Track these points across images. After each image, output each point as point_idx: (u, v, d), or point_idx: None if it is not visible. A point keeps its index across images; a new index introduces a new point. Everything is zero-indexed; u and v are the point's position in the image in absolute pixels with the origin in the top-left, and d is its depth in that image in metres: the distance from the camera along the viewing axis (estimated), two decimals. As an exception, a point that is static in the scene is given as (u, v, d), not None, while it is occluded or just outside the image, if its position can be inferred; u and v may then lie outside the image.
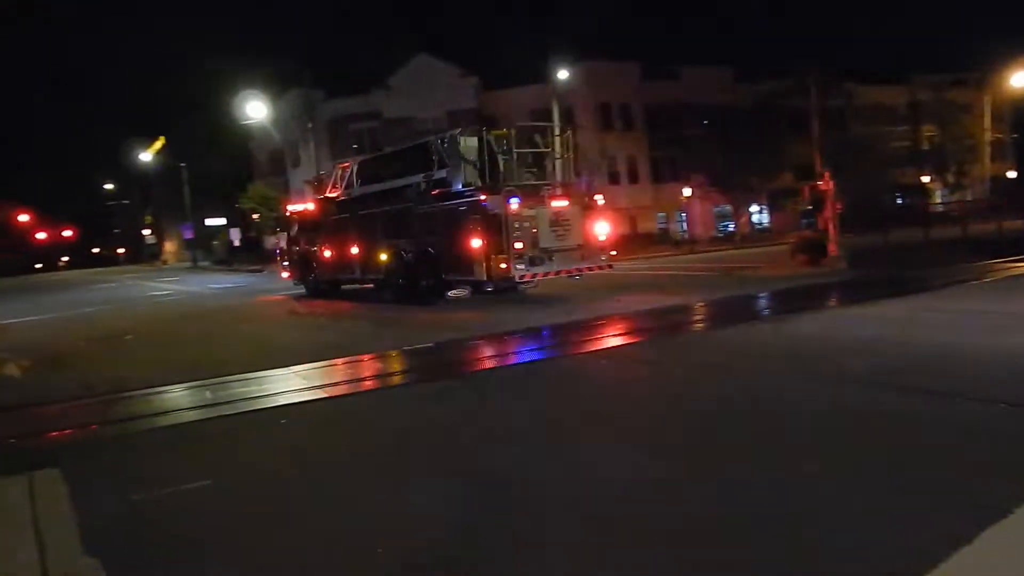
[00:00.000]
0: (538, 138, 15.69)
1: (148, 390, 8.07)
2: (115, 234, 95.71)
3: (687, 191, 39.46)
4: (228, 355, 10.29)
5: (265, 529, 3.93)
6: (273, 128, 47.83)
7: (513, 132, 15.21)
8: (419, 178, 15.78)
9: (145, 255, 75.18)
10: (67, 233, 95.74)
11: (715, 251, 34.66)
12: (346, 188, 19.04)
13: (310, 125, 39.86)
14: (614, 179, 42.00)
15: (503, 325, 11.51)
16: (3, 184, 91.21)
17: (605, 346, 9.33)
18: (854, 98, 39.90)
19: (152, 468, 5.16)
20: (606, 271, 15.39)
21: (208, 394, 7.71)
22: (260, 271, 40.17)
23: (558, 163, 15.75)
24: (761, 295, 14.16)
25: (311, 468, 4.96)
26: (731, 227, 44.20)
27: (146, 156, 68.20)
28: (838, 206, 19.52)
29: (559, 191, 15.06)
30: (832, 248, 19.25)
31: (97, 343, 12.86)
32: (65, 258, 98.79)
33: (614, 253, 15.66)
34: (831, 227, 19.37)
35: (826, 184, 19.67)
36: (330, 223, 19.29)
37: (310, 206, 20.79)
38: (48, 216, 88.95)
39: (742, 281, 17.09)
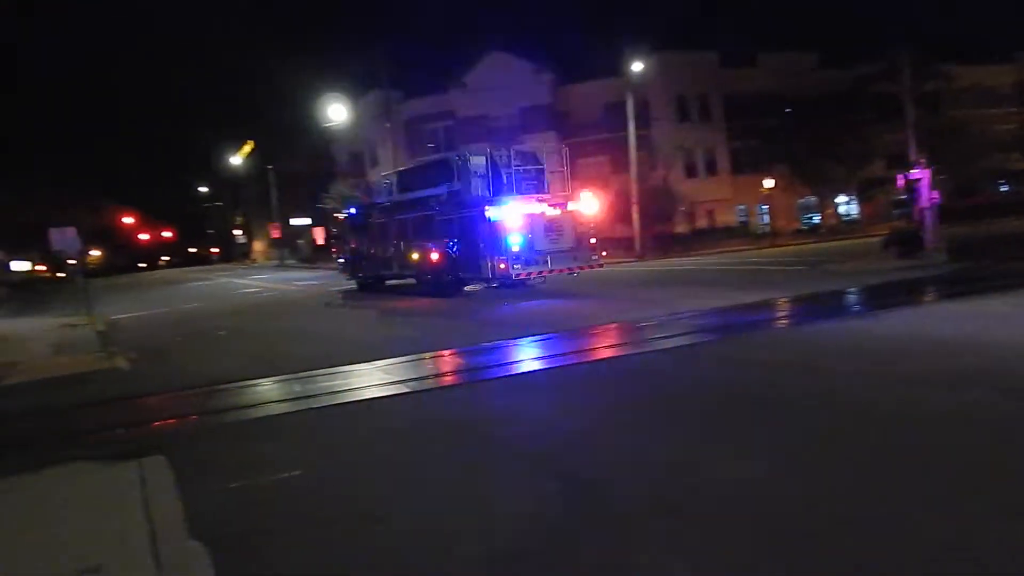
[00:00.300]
0: (538, 154, 18.48)
1: (242, 383, 8.46)
2: (209, 234, 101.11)
3: (768, 182, 38.09)
4: (311, 350, 10.69)
5: (353, 518, 4.04)
6: (354, 129, 49.30)
7: (513, 151, 17.94)
8: (443, 189, 18.27)
9: (236, 254, 79.18)
10: (166, 234, 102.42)
11: (798, 244, 33.37)
12: (387, 195, 21.62)
13: (388, 125, 40.78)
14: (691, 172, 40.97)
15: (563, 322, 11.47)
16: (110, 188, 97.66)
17: (678, 344, 9.11)
18: (952, 80, 37.41)
19: (248, 457, 5.41)
20: (598, 269, 18.06)
21: (297, 387, 8.01)
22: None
23: (555, 176, 18.29)
24: (851, 290, 13.51)
25: (400, 459, 5.07)
26: (816, 219, 42.39)
27: (236, 159, 71.72)
28: (935, 195, 18.38)
29: (554, 201, 17.31)
30: (929, 240, 18.15)
31: (194, 338, 13.64)
32: (165, 257, 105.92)
33: (604, 254, 18.55)
34: (927, 218, 18.26)
35: (921, 172, 18.55)
36: (374, 226, 21.73)
37: (353, 211, 23.56)
38: (150, 218, 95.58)
39: (830, 275, 16.36)
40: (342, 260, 24.36)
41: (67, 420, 7.23)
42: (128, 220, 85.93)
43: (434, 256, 18.17)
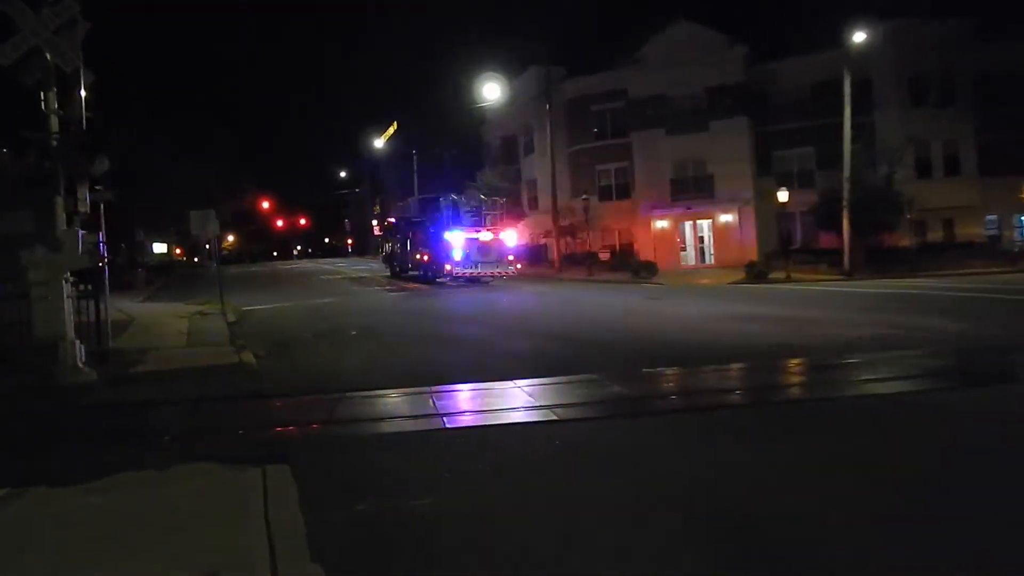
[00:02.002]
0: (482, 201, 35.60)
1: (372, 392, 8.90)
2: (345, 223, 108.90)
3: (1032, 188, 34.34)
4: (450, 356, 11.11)
5: (498, 570, 4.04)
6: (507, 111, 50.55)
7: (464, 198, 35.79)
8: (429, 217, 34.73)
9: (372, 246, 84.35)
10: (302, 222, 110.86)
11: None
12: (407, 214, 39.39)
13: (548, 107, 41.41)
14: (924, 171, 37.69)
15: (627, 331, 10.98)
16: (247, 171, 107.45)
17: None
18: None
19: (376, 476, 5.63)
20: (512, 275, 32.70)
21: (432, 402, 8.28)
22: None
23: (494, 216, 34.41)
24: None
25: (550, 501, 5.05)
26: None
27: (379, 142, 76.34)
28: None
29: (487, 231, 32.72)
30: None
31: (324, 336, 14.76)
32: (298, 247, 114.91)
33: (519, 266, 34.02)
34: None
35: None
36: (401, 234, 39.08)
37: (393, 220, 43.19)
38: (286, 204, 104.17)
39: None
40: (383, 255, 44.57)
41: (193, 416, 7.94)
42: (265, 205, 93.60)
43: (425, 258, 34.20)
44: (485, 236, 32.55)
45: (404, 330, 15.59)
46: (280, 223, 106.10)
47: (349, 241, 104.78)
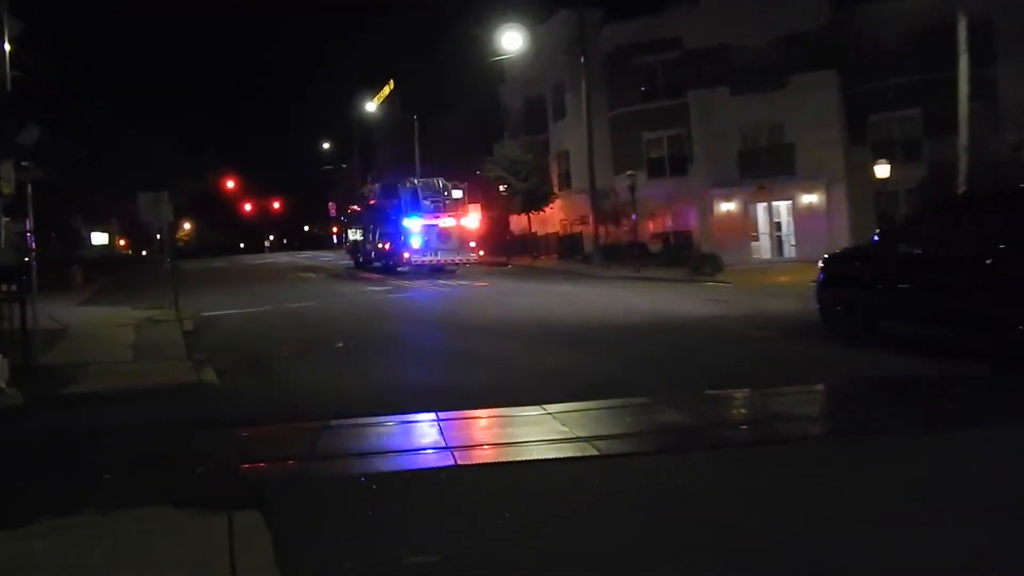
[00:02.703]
0: (447, 187, 40.10)
1: (364, 419, 8.87)
2: (329, 207, 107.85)
3: None
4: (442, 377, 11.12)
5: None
6: (532, 67, 50.14)
7: (425, 183, 40.87)
8: (390, 203, 40.73)
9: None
10: (276, 206, 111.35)
11: None
12: (370, 200, 46.38)
13: (582, 60, 41.12)
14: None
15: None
16: (210, 145, 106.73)
17: None
18: None
19: (367, 526, 5.58)
20: (474, 263, 39.51)
21: (438, 432, 8.24)
22: (506, 264, 43.39)
23: (458, 201, 39.67)
24: None
25: (584, 561, 4.98)
26: None
27: (371, 106, 75.96)
28: None
29: (447, 216, 38.51)
30: None
31: (304, 350, 14.90)
32: (271, 237, 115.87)
33: (482, 253, 40.91)
34: None
35: None
36: (364, 222, 46.37)
37: (357, 209, 50.74)
38: (256, 184, 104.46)
39: None
40: (347, 244, 55.06)
41: (142, 448, 7.95)
42: (230, 185, 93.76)
43: (385, 247, 40.61)
44: (445, 222, 38.50)
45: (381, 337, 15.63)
46: (248, 207, 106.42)
47: (334, 229, 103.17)
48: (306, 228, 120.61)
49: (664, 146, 43.64)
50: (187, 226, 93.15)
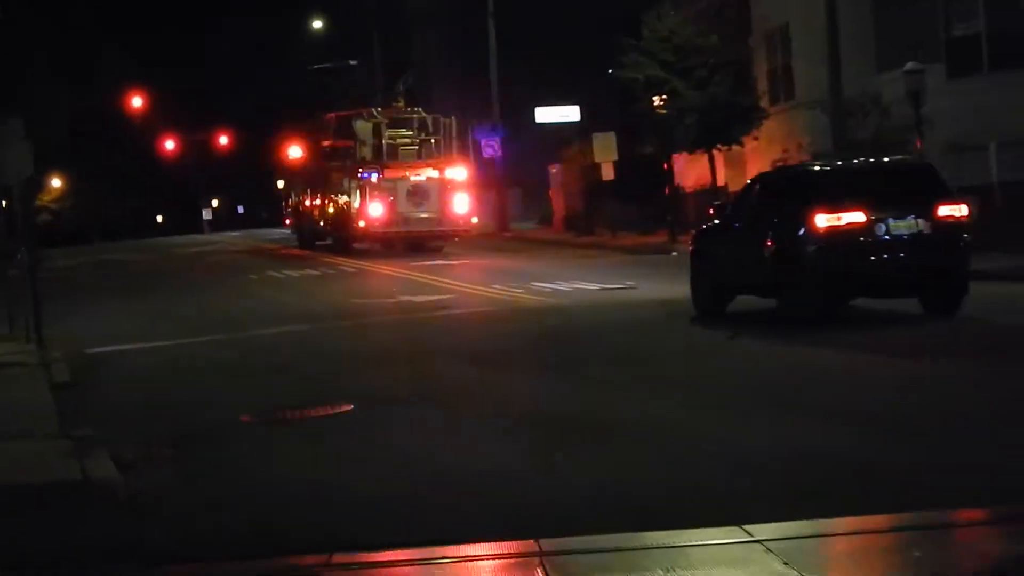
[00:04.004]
0: (427, 121, 31.09)
1: (394, 554, 5.12)
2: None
3: None
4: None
5: None
6: None
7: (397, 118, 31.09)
8: (342, 146, 31.57)
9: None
10: (223, 140, 61.34)
11: None
12: (322, 144, 34.57)
13: None
14: None
15: None
16: (105, 35, 70.59)
17: None
18: None
19: None
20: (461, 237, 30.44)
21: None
22: (669, 250, 28.83)
23: (432, 142, 30.20)
24: None
25: None
26: None
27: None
28: None
29: (422, 168, 28.94)
30: None
31: (281, 422, 9.43)
32: (213, 204, 78.60)
33: (475, 221, 30.95)
34: None
35: None
36: (306, 178, 36.27)
37: (301, 159, 37.91)
38: (190, 108, 64.39)
39: None
40: (287, 211, 40.48)
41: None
42: (136, 104, 56.02)
43: (338, 214, 30.55)
44: (421, 175, 28.95)
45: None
46: (171, 145, 61.18)
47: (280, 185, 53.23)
48: (279, 183, 48.51)
49: (982, 16, 23.73)
50: (57, 184, 64.12)
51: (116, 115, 60.00)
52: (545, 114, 42.01)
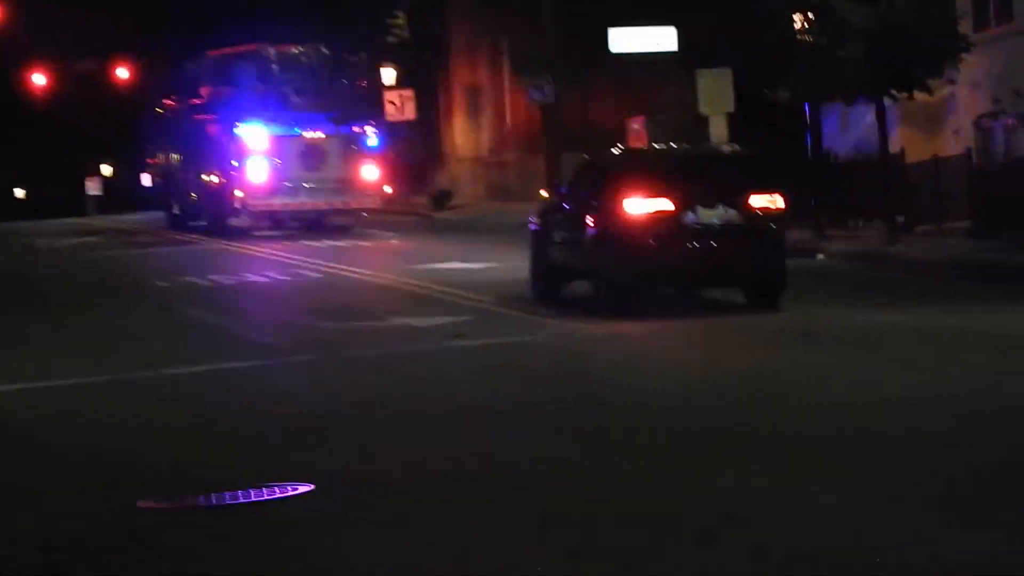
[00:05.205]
0: (326, 62, 26.28)
1: None
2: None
3: None
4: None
5: None
6: None
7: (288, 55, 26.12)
8: (220, 96, 26.80)
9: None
10: (122, 75, 46.01)
11: None
12: (188, 89, 29.34)
13: None
14: None
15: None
16: None
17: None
18: None
19: None
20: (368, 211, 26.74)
21: None
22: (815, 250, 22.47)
23: (331, 90, 25.67)
24: None
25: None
26: None
27: None
28: None
29: (320, 121, 24.52)
30: None
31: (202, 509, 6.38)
32: (105, 172, 51.07)
33: (388, 191, 27.59)
34: None
35: None
36: (177, 136, 29.80)
37: (170, 107, 31.15)
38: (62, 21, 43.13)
39: None
40: (153, 178, 33.55)
41: None
42: None
43: (212, 183, 25.08)
44: (318, 133, 24.62)
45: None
46: (40, 80, 46.26)
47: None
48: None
49: None
50: None
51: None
52: (624, 39, 28.42)
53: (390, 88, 34.84)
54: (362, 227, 26.32)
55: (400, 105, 33.07)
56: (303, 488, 6.40)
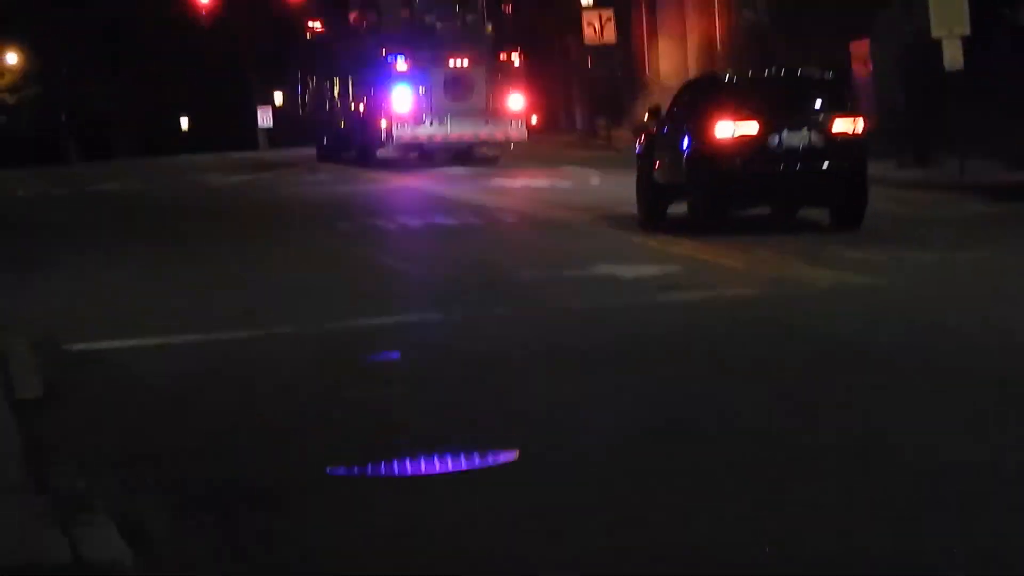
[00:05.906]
0: None
1: None
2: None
3: None
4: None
5: None
6: None
7: None
8: (366, 26, 26.76)
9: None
10: None
11: None
12: (348, 21, 28.87)
13: None
14: None
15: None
16: None
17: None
18: None
19: None
20: (516, 141, 24.90)
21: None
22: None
23: (470, 18, 24.76)
24: None
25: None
26: None
27: None
28: None
29: (463, 48, 23.81)
30: None
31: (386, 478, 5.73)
32: (275, 103, 45.44)
33: (534, 122, 25.72)
34: None
35: None
36: (324, 68, 29.38)
37: (319, 32, 31.36)
38: None
39: None
40: (305, 110, 31.80)
41: None
42: None
43: (359, 115, 24.72)
44: (463, 64, 24.08)
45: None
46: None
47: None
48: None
49: None
50: (12, 60, 43.36)
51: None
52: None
53: (587, 8, 33.32)
54: (560, 163, 25.07)
55: (599, 27, 31.69)
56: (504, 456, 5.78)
